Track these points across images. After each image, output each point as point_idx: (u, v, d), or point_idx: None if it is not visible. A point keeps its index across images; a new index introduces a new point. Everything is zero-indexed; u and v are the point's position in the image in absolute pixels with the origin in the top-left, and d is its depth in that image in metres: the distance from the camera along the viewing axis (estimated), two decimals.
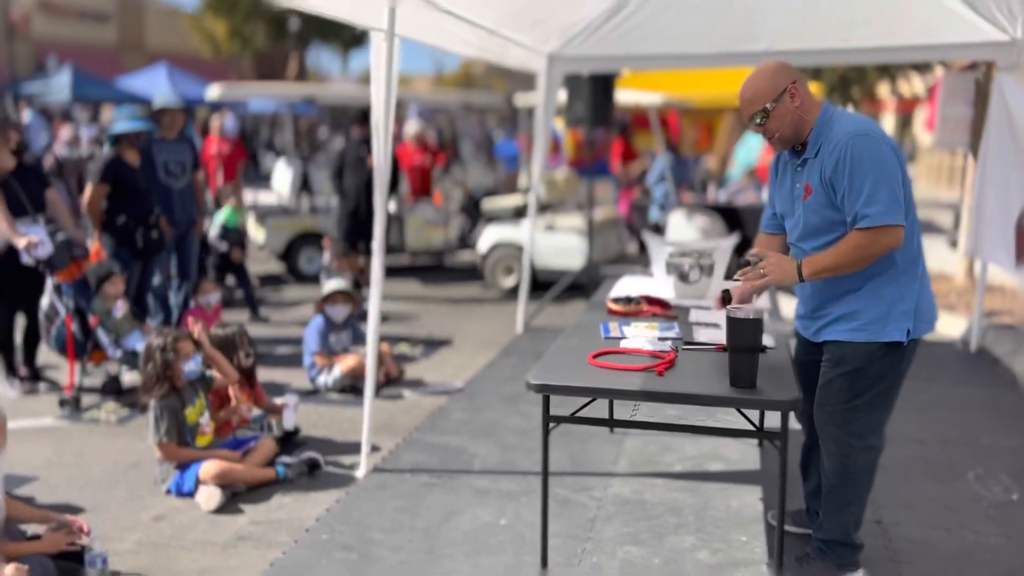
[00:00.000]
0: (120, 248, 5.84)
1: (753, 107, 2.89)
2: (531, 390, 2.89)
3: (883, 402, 2.98)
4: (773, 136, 2.94)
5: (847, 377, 2.94)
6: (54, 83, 18.95)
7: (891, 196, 2.74)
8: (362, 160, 8.04)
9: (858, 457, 3.02)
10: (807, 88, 2.93)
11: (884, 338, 2.87)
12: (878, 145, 2.77)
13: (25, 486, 4.07)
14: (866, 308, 2.89)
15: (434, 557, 3.37)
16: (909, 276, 2.88)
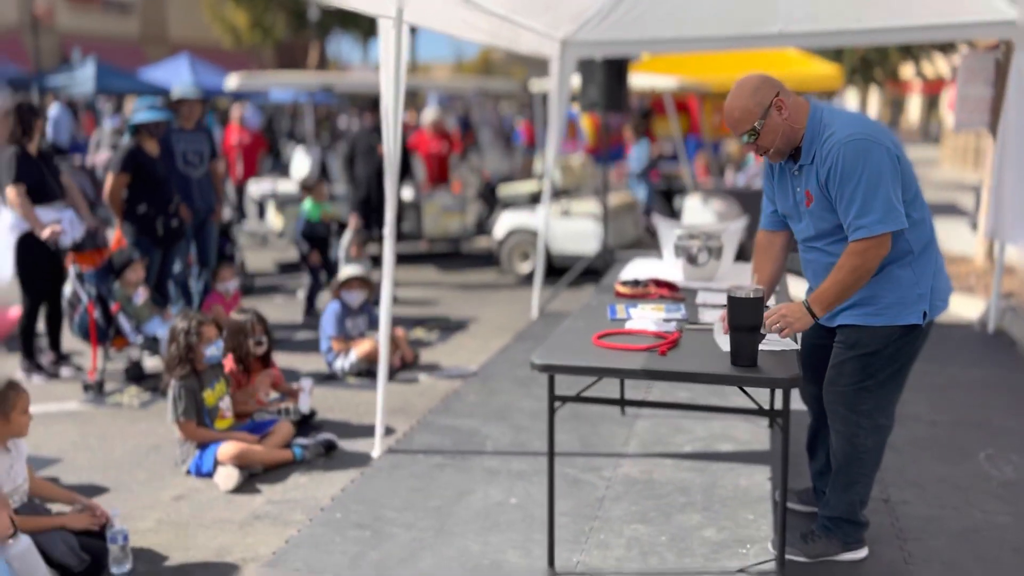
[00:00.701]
0: (141, 236, 5.95)
1: (742, 127, 2.87)
2: (535, 369, 2.95)
3: (893, 382, 3.00)
4: (767, 151, 2.93)
5: (862, 359, 2.96)
6: (78, 75, 19.18)
7: (885, 202, 2.73)
8: (373, 148, 8.10)
9: (867, 437, 3.04)
10: (792, 95, 2.91)
11: (902, 321, 2.89)
12: (868, 148, 2.75)
13: (50, 467, 4.19)
14: (883, 293, 2.90)
15: (445, 535, 3.45)
16: (924, 260, 2.90)
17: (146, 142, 5.99)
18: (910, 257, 2.89)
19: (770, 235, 3.28)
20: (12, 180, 5.17)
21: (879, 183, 2.74)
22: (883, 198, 2.73)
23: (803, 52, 12.13)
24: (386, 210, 4.11)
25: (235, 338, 4.55)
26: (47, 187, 5.34)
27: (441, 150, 10.43)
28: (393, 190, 4.10)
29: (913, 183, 2.90)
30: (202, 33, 35.49)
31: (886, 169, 2.75)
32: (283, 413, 4.44)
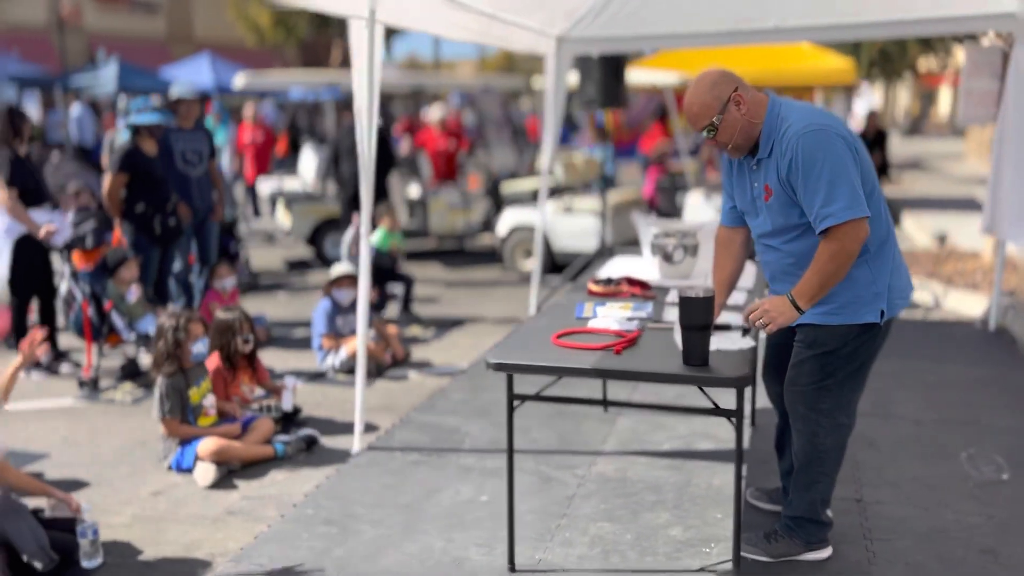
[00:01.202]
0: (139, 235, 6.05)
1: (700, 122, 2.86)
2: (489, 368, 2.96)
3: (853, 381, 2.98)
4: (726, 147, 2.92)
5: (820, 358, 2.94)
6: (102, 75, 19.43)
7: (850, 189, 2.71)
8: (355, 147, 8.12)
9: (827, 436, 3.02)
10: (751, 90, 2.88)
11: (859, 320, 2.87)
12: (827, 138, 2.73)
13: (36, 463, 4.28)
14: (839, 291, 2.87)
15: (410, 532, 3.47)
16: (881, 258, 2.87)
17: (144, 142, 6.08)
18: (866, 255, 2.85)
19: (730, 231, 3.26)
20: (5, 183, 5.27)
21: (842, 171, 2.71)
22: (848, 185, 2.70)
23: (816, 46, 11.99)
24: (362, 210, 4.14)
25: (223, 336, 4.61)
26: (39, 190, 5.44)
27: (449, 147, 10.48)
28: (368, 191, 4.13)
29: (870, 177, 2.87)
30: (227, 32, 35.85)
31: (847, 158, 2.73)
32: (265, 410, 4.49)
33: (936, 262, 8.23)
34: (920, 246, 9.63)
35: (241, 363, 4.68)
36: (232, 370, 4.65)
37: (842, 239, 2.72)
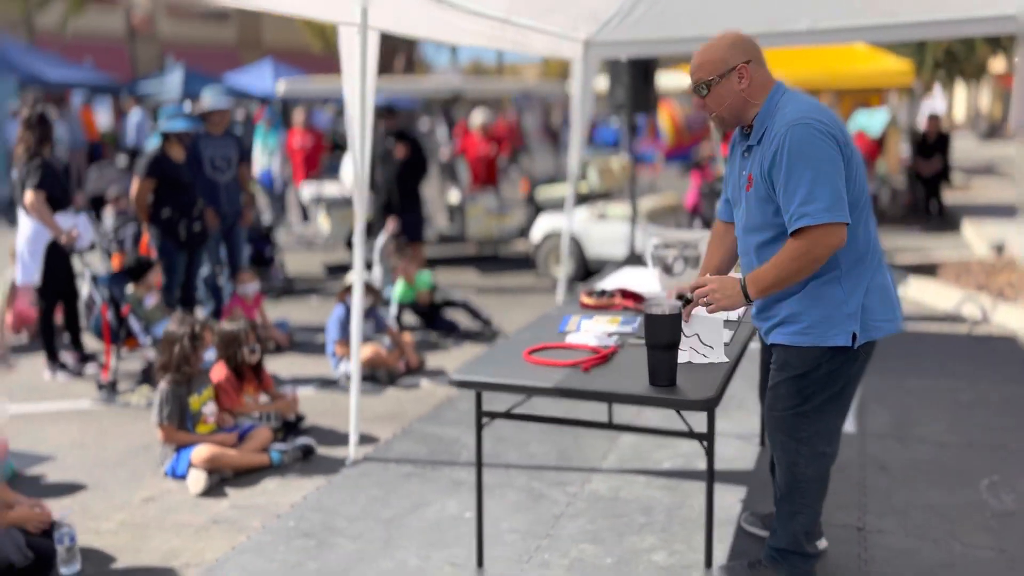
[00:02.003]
0: (165, 239, 6.14)
1: (698, 75, 2.71)
2: (453, 386, 2.88)
3: (832, 408, 2.78)
4: (712, 114, 2.77)
5: (792, 382, 2.76)
6: (167, 81, 20.02)
7: (833, 192, 2.52)
8: (390, 153, 8.14)
9: (807, 465, 2.84)
10: (762, 70, 2.72)
11: (828, 343, 2.67)
12: (818, 136, 2.55)
13: (40, 465, 4.35)
14: (808, 311, 2.69)
15: (388, 548, 3.41)
16: (855, 276, 2.67)
17: (172, 149, 6.16)
18: (837, 273, 2.66)
19: (725, 225, 3.10)
20: (35, 187, 5.40)
21: (828, 171, 2.53)
22: (831, 186, 2.52)
23: (872, 47, 11.58)
24: (357, 216, 4.10)
25: (229, 347, 4.62)
26: (66, 194, 5.56)
27: (489, 153, 10.42)
28: (362, 198, 4.08)
29: (860, 187, 2.68)
30: (294, 38, 36.57)
31: (836, 159, 2.55)
32: (264, 419, 4.49)
33: (990, 273, 7.83)
34: (977, 255, 9.18)
35: (247, 373, 4.69)
36: (239, 380, 4.65)
37: (813, 241, 2.53)
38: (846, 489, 3.82)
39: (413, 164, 8.10)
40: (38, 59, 18.43)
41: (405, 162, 8.05)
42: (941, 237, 10.77)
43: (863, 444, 4.34)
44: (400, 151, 8.04)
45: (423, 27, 4.40)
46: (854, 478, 3.94)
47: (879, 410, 4.82)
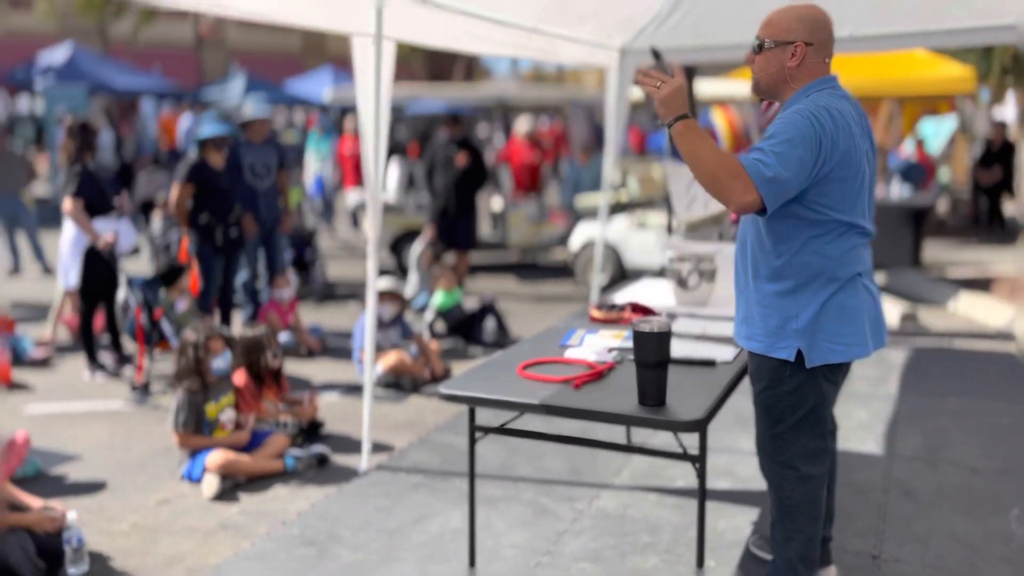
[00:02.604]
0: (202, 244, 6.27)
1: (761, 32, 2.65)
2: (442, 400, 2.85)
3: (808, 428, 2.68)
4: (753, 74, 2.71)
5: (763, 399, 2.70)
6: (230, 88, 20.52)
7: (788, 159, 2.40)
8: (451, 160, 8.19)
9: (794, 489, 2.73)
10: (820, 59, 2.62)
11: (773, 354, 2.61)
12: (809, 121, 2.46)
13: (65, 464, 4.45)
14: (762, 318, 2.64)
15: (387, 560, 3.39)
16: (810, 293, 2.57)
17: (211, 155, 6.29)
18: (790, 284, 2.58)
19: None
20: (72, 194, 5.56)
21: (799, 147, 2.42)
22: (792, 158, 2.40)
23: (933, 53, 11.20)
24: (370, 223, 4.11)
25: (251, 353, 4.67)
26: (104, 200, 5.71)
27: (533, 160, 10.40)
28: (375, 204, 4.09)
29: (843, 199, 2.56)
30: None
31: (811, 144, 2.44)
32: (281, 427, 4.52)
33: None
34: None
35: (268, 379, 4.74)
36: (259, 386, 4.70)
37: (734, 178, 2.38)
38: (865, 514, 3.68)
39: (473, 172, 8.20)
40: (108, 67, 19.06)
41: (465, 170, 8.14)
42: (1000, 250, 10.36)
43: (890, 467, 4.18)
44: (461, 159, 8.14)
45: (441, 37, 4.40)
46: (875, 503, 3.79)
47: (911, 431, 4.64)
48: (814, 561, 2.87)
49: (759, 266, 2.66)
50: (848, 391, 5.36)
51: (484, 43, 4.75)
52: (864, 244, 2.70)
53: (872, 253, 2.79)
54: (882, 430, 4.68)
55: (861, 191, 2.63)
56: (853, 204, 2.60)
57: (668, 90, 2.52)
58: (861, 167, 2.62)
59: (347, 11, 3.70)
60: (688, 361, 3.03)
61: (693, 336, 3.40)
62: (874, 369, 5.80)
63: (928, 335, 6.77)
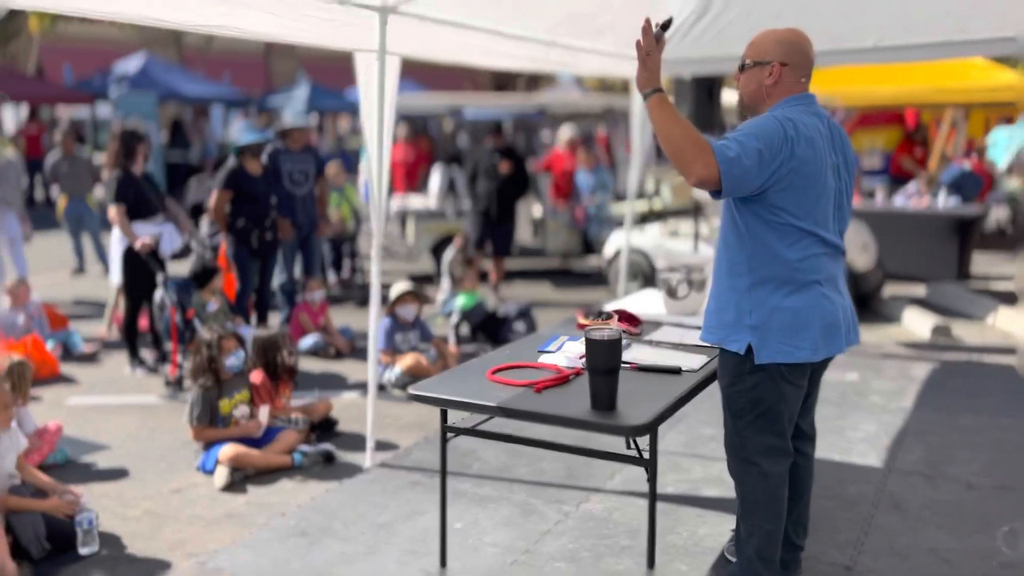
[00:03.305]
0: (239, 248, 6.56)
1: (744, 53, 2.87)
2: (411, 400, 3.00)
3: (766, 427, 2.79)
4: (738, 91, 2.91)
5: (725, 395, 2.87)
6: (294, 95, 21.14)
7: (748, 149, 2.55)
8: (495, 167, 8.39)
9: (755, 485, 2.84)
10: (795, 78, 2.79)
11: (727, 346, 2.79)
12: (772, 124, 2.63)
13: (94, 453, 4.74)
14: (718, 310, 2.83)
15: (372, 552, 3.55)
16: (761, 294, 2.72)
17: (249, 162, 6.58)
18: (745, 282, 2.74)
19: None
20: (112, 199, 5.90)
21: (762, 137, 2.59)
22: (751, 147, 2.56)
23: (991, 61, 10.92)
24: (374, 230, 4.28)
25: (266, 353, 4.91)
26: (146, 204, 6.03)
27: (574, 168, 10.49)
28: (380, 214, 4.26)
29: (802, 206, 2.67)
30: None
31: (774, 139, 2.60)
32: (293, 423, 4.73)
33: None
34: None
35: (283, 377, 4.96)
36: (275, 384, 4.93)
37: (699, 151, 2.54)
38: (848, 526, 3.69)
39: (515, 180, 8.40)
40: (178, 76, 19.85)
41: (508, 178, 8.34)
42: None
43: (884, 480, 4.17)
44: (504, 167, 8.35)
45: (450, 51, 4.55)
46: (861, 515, 3.80)
47: (915, 445, 4.61)
48: (773, 560, 2.92)
49: (723, 262, 2.83)
50: (861, 403, 5.33)
51: (497, 56, 4.89)
52: (827, 254, 2.79)
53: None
54: (886, 443, 4.65)
55: (820, 201, 2.73)
56: (811, 212, 2.70)
57: (654, 61, 2.73)
58: (821, 178, 2.72)
59: (351, 29, 3.87)
60: (654, 368, 3.11)
61: (670, 344, 3.48)
62: (893, 382, 5.75)
63: (959, 349, 6.65)
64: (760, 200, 2.67)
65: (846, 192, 2.90)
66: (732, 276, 2.78)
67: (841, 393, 5.54)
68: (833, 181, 2.79)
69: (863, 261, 7.56)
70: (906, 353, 6.56)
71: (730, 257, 2.79)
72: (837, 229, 2.85)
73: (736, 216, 2.76)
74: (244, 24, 3.48)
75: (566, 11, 4.98)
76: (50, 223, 13.24)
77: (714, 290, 2.87)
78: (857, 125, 14.02)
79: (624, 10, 5.52)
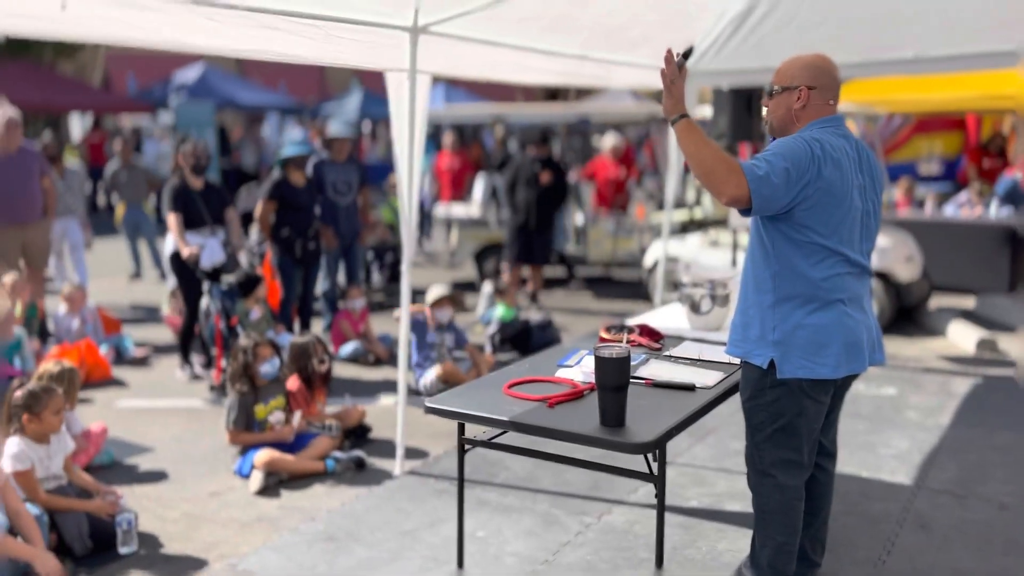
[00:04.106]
0: (283, 256, 6.76)
1: (772, 79, 2.96)
2: (426, 413, 3.09)
3: (787, 441, 2.84)
4: (767, 116, 2.99)
5: (746, 407, 2.92)
6: (347, 103, 21.51)
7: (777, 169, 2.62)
8: (535, 176, 8.48)
9: (769, 496, 2.91)
10: (823, 101, 2.87)
11: (750, 359, 2.84)
12: (799, 145, 2.70)
13: (138, 455, 4.94)
14: (744, 325, 2.88)
15: (395, 559, 3.65)
16: (788, 308, 2.78)
17: (292, 174, 6.77)
18: (770, 298, 2.79)
19: None
20: (170, 209, 6.14)
21: (790, 157, 2.66)
22: (780, 166, 2.64)
23: None
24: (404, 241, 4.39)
25: (300, 359, 5.06)
26: (196, 216, 6.25)
27: (619, 175, 10.51)
28: (410, 226, 4.37)
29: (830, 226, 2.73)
30: None
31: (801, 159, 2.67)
32: (326, 429, 4.87)
33: None
34: None
35: (318, 383, 5.10)
36: (310, 390, 5.08)
37: (729, 171, 2.61)
38: (869, 544, 3.67)
39: (554, 190, 8.49)
40: (236, 84, 20.35)
41: (547, 188, 8.43)
42: None
43: (912, 498, 4.13)
44: (544, 177, 8.44)
45: (481, 68, 4.64)
46: (885, 533, 3.78)
47: (948, 463, 4.55)
48: (786, 574, 2.95)
49: (750, 278, 2.90)
50: (896, 419, 5.27)
51: (528, 72, 4.97)
52: (852, 274, 2.84)
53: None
54: (918, 461, 4.60)
55: (846, 221, 2.79)
56: (836, 231, 2.76)
57: (679, 89, 2.81)
58: (847, 198, 2.78)
59: (382, 49, 3.99)
60: (669, 385, 3.16)
61: (688, 360, 3.51)
62: (932, 398, 5.66)
63: (1003, 364, 6.51)
64: (786, 219, 2.74)
65: (873, 212, 2.94)
66: (758, 292, 2.85)
67: (876, 408, 5.48)
68: (860, 202, 2.84)
69: (908, 272, 7.44)
70: (948, 367, 6.45)
71: (756, 274, 2.86)
72: (863, 249, 2.90)
73: (763, 234, 2.82)
74: (278, 48, 3.62)
75: (598, 26, 5.03)
76: (109, 229, 13.71)
77: (740, 305, 2.94)
78: (916, 130, 13.77)
79: (658, 23, 5.57)
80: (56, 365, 4.47)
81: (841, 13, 5.58)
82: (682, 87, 2.82)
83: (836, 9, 5.62)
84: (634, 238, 9.73)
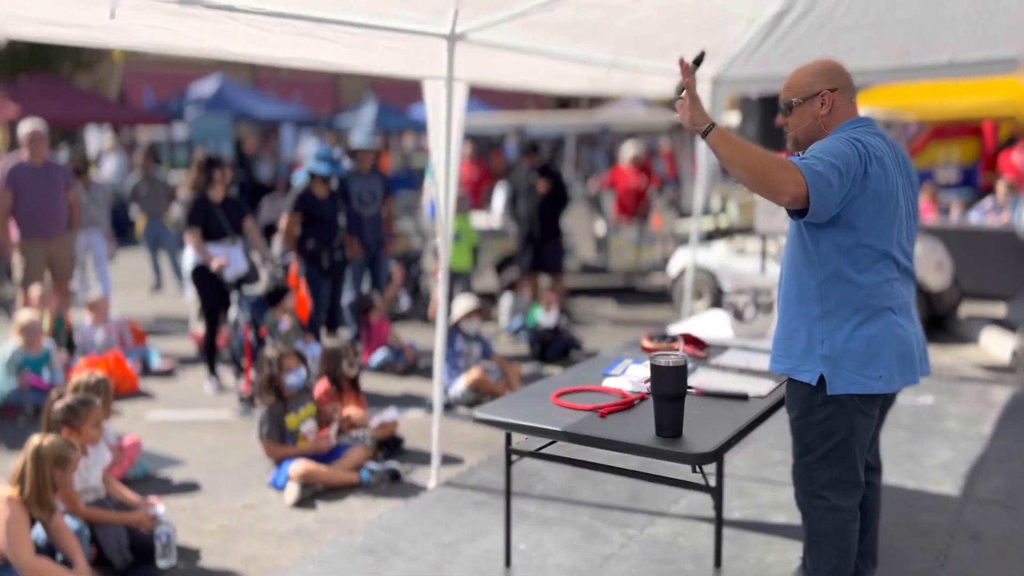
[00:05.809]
0: (310, 267, 6.74)
1: (784, 95, 2.84)
2: (476, 423, 3.04)
3: (838, 460, 2.71)
4: (789, 133, 2.86)
5: (795, 426, 2.78)
6: (361, 115, 21.56)
7: (830, 168, 2.49)
8: (533, 187, 8.40)
9: (822, 518, 2.77)
10: (846, 101, 2.77)
11: (797, 376, 2.71)
12: (844, 144, 2.59)
13: (171, 467, 4.90)
14: (788, 339, 2.75)
15: (436, 572, 3.59)
16: (838, 320, 2.64)
17: (317, 186, 6.76)
18: (817, 310, 2.66)
19: None
20: (188, 223, 6.12)
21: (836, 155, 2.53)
22: (829, 161, 2.50)
23: None
24: (440, 251, 4.35)
25: (330, 362, 5.03)
26: (216, 228, 6.23)
27: (639, 185, 10.46)
28: (446, 235, 4.33)
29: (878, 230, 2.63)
30: None
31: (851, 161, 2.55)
32: (361, 440, 4.82)
33: None
34: None
35: (346, 387, 5.07)
36: (339, 393, 5.04)
37: (783, 169, 2.45)
38: (922, 557, 3.60)
39: (554, 197, 8.39)
40: (251, 97, 20.43)
41: (547, 196, 8.35)
42: None
43: (961, 509, 4.05)
44: (542, 186, 8.35)
45: (515, 76, 4.61)
46: (937, 546, 3.70)
47: (995, 474, 4.46)
48: None
49: (792, 289, 2.76)
50: (936, 428, 5.19)
51: (559, 79, 4.94)
52: (899, 279, 2.73)
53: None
54: (963, 471, 4.52)
55: (894, 221, 2.69)
56: (885, 232, 2.66)
57: (688, 111, 2.64)
58: (893, 197, 2.68)
59: (420, 57, 3.96)
60: (721, 394, 3.10)
61: (736, 369, 3.45)
62: (971, 407, 5.58)
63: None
64: (833, 222, 2.61)
65: (912, 212, 2.85)
66: (802, 303, 2.71)
67: (915, 417, 5.40)
68: (903, 202, 2.75)
69: (938, 280, 7.37)
70: (984, 376, 6.36)
71: (800, 284, 2.72)
72: (908, 252, 2.81)
73: (807, 241, 2.68)
74: (317, 55, 3.60)
75: (629, 33, 5.00)
76: (129, 241, 13.74)
77: (782, 318, 2.80)
78: (932, 137, 13.69)
79: (691, 28, 5.53)
80: (90, 375, 4.44)
81: (874, 18, 5.53)
82: (697, 96, 2.67)
83: (869, 13, 5.57)
84: (656, 247, 9.68)
